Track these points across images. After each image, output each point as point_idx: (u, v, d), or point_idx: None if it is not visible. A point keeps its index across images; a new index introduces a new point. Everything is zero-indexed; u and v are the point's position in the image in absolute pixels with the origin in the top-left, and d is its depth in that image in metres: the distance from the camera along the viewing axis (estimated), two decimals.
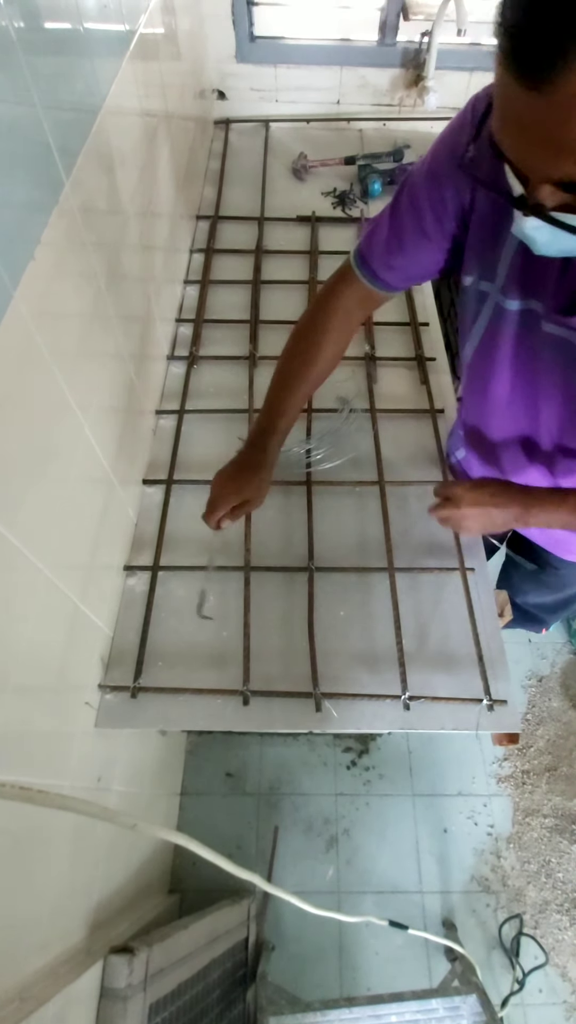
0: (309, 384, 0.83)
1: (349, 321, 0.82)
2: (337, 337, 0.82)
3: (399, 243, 0.71)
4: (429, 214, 0.67)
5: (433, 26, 1.58)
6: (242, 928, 1.25)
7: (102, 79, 0.80)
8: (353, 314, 0.82)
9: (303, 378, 0.82)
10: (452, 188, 0.64)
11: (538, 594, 1.27)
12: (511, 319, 0.67)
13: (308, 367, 0.82)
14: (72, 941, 0.76)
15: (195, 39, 1.52)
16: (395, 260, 0.73)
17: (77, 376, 0.73)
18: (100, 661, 0.85)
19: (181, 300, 1.36)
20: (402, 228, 0.70)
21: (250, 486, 0.82)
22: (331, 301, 0.81)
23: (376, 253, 0.74)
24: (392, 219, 0.71)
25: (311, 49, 1.71)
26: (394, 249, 0.72)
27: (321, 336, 0.81)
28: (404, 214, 0.69)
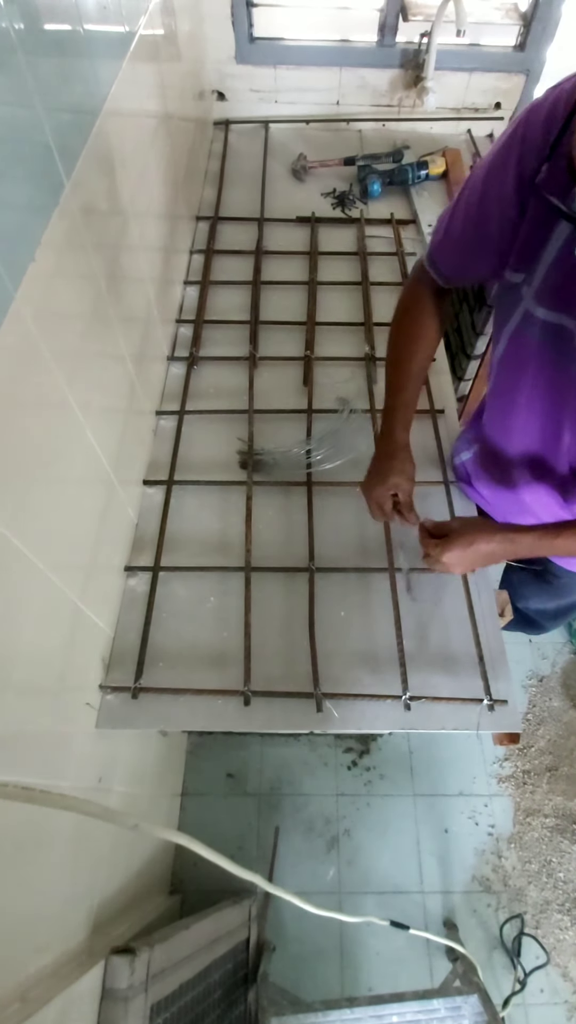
0: (417, 363, 0.86)
1: (433, 309, 0.85)
2: (425, 322, 0.85)
3: (458, 243, 0.74)
4: (484, 216, 0.68)
5: (432, 27, 1.58)
6: (243, 929, 1.25)
7: (102, 80, 0.80)
8: (439, 299, 0.85)
9: (411, 357, 0.86)
10: (508, 193, 0.64)
11: (539, 600, 1.26)
12: (539, 328, 0.67)
13: (415, 343, 0.86)
14: (73, 942, 0.76)
15: (195, 40, 1.52)
16: (455, 259, 0.76)
17: (78, 377, 0.73)
18: (101, 662, 0.85)
19: (181, 301, 1.36)
20: (460, 229, 0.72)
21: (392, 475, 0.85)
22: (411, 296, 0.86)
23: (440, 252, 0.78)
24: (451, 220, 0.73)
25: (310, 50, 1.71)
26: (453, 249, 0.75)
27: (409, 327, 0.86)
28: (461, 216, 0.71)
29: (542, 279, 0.64)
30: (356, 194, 1.63)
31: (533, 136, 0.59)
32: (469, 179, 0.69)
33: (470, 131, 1.84)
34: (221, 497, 1.05)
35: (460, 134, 1.85)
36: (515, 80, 1.78)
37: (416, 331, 0.86)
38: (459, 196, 0.71)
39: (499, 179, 0.64)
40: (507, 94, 1.81)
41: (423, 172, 1.63)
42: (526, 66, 1.75)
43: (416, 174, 1.62)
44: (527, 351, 0.70)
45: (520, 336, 0.70)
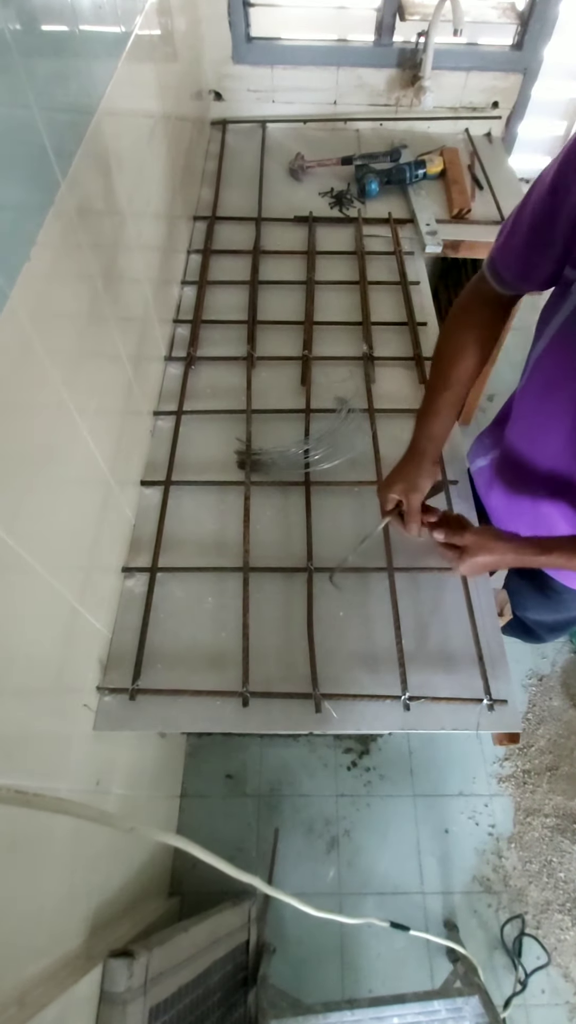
0: (464, 369, 0.85)
1: (489, 319, 0.84)
2: (479, 332, 0.84)
3: (519, 248, 0.72)
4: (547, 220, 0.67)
5: (429, 26, 1.58)
6: (243, 931, 1.24)
7: (98, 80, 0.80)
8: (493, 314, 0.84)
9: (455, 363, 0.85)
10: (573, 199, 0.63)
11: (537, 612, 1.26)
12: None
13: (461, 351, 0.84)
14: (71, 945, 0.75)
15: (191, 40, 1.52)
16: (517, 264, 0.74)
17: (75, 377, 0.73)
18: (98, 663, 0.85)
19: (179, 301, 1.36)
20: (524, 222, 0.71)
21: (401, 481, 0.85)
22: (468, 303, 0.84)
23: (501, 258, 0.76)
24: (514, 224, 0.72)
25: (307, 50, 1.71)
26: (516, 254, 0.73)
27: (461, 337, 0.84)
28: (525, 219, 0.70)
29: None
30: (354, 193, 1.63)
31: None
32: (539, 178, 0.68)
33: (468, 130, 1.84)
34: (219, 497, 1.05)
35: (458, 133, 1.85)
36: (512, 79, 1.78)
37: (465, 337, 0.84)
38: (527, 195, 0.70)
39: (565, 183, 0.62)
40: (505, 93, 1.81)
41: (421, 171, 1.62)
42: (523, 65, 1.75)
43: (414, 173, 1.62)
44: (572, 348, 0.69)
45: (567, 332, 0.69)
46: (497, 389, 2.38)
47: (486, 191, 1.66)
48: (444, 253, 1.52)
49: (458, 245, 1.54)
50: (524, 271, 0.74)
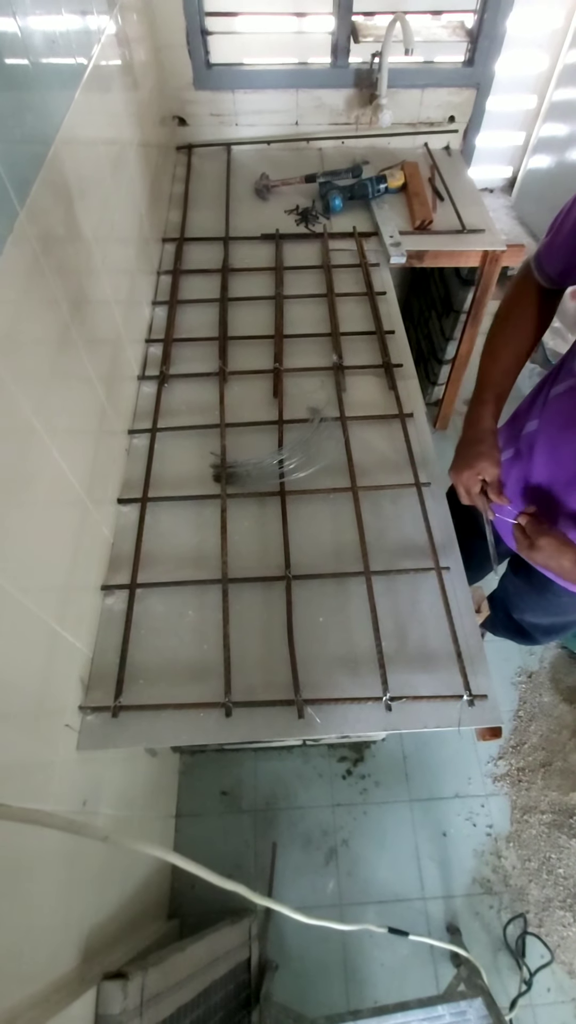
0: (513, 358, 0.90)
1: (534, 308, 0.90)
2: (525, 320, 0.90)
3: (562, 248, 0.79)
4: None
5: (382, 47, 1.64)
6: (243, 948, 1.23)
7: (54, 111, 0.82)
8: (538, 303, 0.90)
9: (508, 351, 0.91)
10: None
11: (535, 614, 1.27)
12: None
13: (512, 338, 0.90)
14: (64, 969, 0.74)
15: (152, 68, 1.56)
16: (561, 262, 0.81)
17: (44, 402, 0.74)
18: (80, 682, 0.85)
19: (150, 321, 1.38)
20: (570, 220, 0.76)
21: (481, 460, 0.87)
22: (515, 294, 0.91)
23: (547, 254, 0.83)
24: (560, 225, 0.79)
25: (267, 74, 1.76)
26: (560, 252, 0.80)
27: (508, 323, 0.91)
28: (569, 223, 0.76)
29: None
30: (319, 210, 1.67)
31: None
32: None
33: (427, 144, 1.90)
34: (196, 511, 1.06)
35: (417, 147, 1.90)
36: (466, 94, 1.84)
37: (515, 327, 0.90)
38: (569, 206, 0.76)
39: None
40: (459, 108, 1.87)
41: (382, 186, 1.67)
42: (476, 80, 1.81)
43: (376, 188, 1.66)
44: None
45: None
46: None
47: (447, 202, 1.71)
48: (409, 263, 1.56)
49: (422, 255, 1.58)
50: (566, 268, 0.81)
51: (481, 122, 1.92)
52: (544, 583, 1.09)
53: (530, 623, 1.32)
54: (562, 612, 1.18)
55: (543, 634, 1.36)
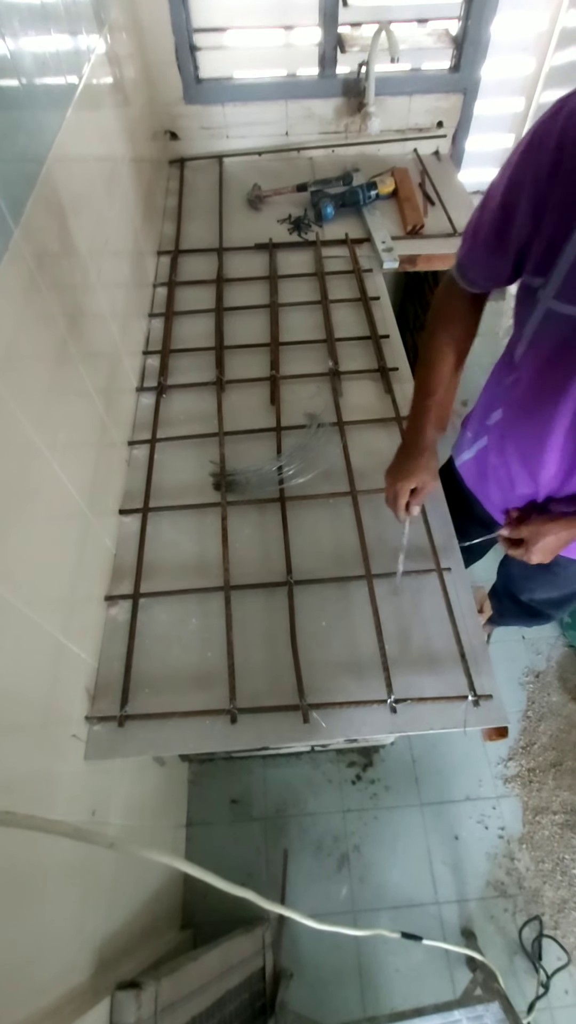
0: (449, 365, 0.91)
1: (464, 316, 0.91)
2: (456, 328, 0.91)
3: (480, 247, 0.79)
4: (502, 231, 0.73)
5: (369, 56, 1.66)
6: (258, 957, 1.22)
7: (47, 130, 0.84)
8: (467, 310, 0.90)
9: (443, 360, 0.91)
10: (530, 193, 0.67)
11: (544, 590, 1.28)
12: (563, 324, 0.70)
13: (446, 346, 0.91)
14: (76, 980, 0.74)
15: (142, 85, 1.58)
16: (482, 267, 0.81)
17: (43, 416, 0.75)
18: (86, 693, 0.85)
19: (147, 333, 1.39)
20: (482, 233, 0.77)
21: (419, 471, 0.91)
22: (443, 304, 0.92)
23: (467, 261, 0.83)
24: (475, 232, 0.79)
25: (255, 86, 1.78)
26: (479, 258, 0.80)
27: (440, 334, 0.92)
28: (485, 227, 0.76)
29: (563, 280, 0.67)
30: (311, 218, 1.69)
31: (544, 157, 0.63)
32: (489, 192, 0.74)
33: (416, 150, 1.92)
34: (197, 520, 1.07)
35: (407, 153, 1.92)
36: (454, 99, 1.86)
37: (447, 337, 0.91)
38: (482, 208, 0.76)
39: (516, 194, 0.68)
40: (447, 113, 1.89)
41: (373, 192, 1.69)
42: (463, 86, 1.83)
43: (367, 194, 1.68)
44: (549, 345, 0.75)
45: (543, 332, 0.75)
46: (471, 394, 2.43)
47: (438, 206, 1.72)
48: (402, 268, 1.58)
49: (415, 259, 1.59)
50: (489, 273, 0.81)
51: (469, 126, 1.94)
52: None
53: (540, 600, 1.33)
54: (570, 582, 1.19)
55: (555, 608, 1.37)
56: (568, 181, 0.62)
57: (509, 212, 0.70)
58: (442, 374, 0.91)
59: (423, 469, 0.91)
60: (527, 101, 2.04)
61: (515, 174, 0.68)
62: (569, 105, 0.61)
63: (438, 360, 0.91)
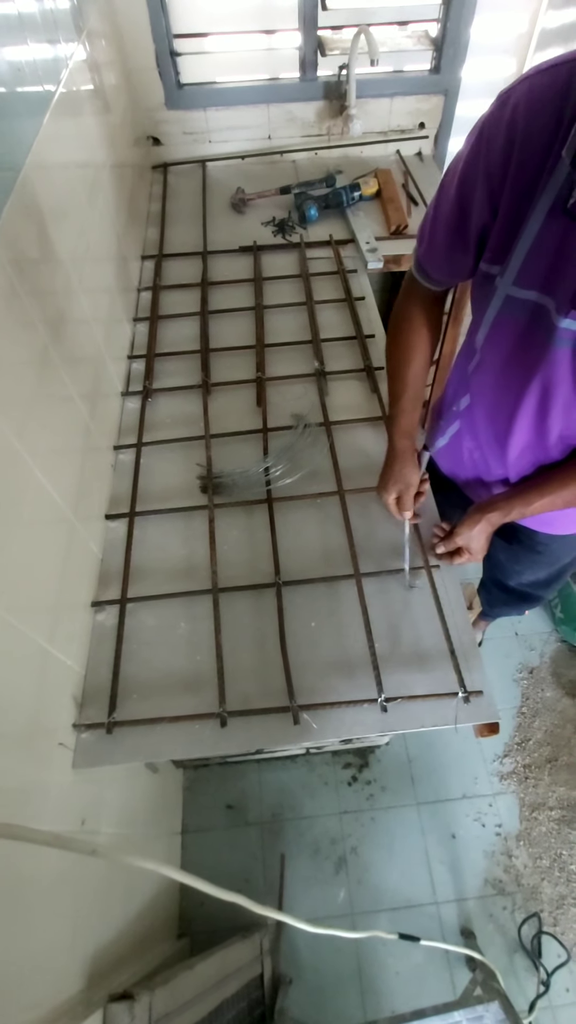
0: (416, 367, 0.93)
1: (427, 314, 0.92)
2: (421, 327, 0.92)
3: (439, 245, 0.79)
4: (462, 222, 0.73)
5: (349, 59, 1.67)
6: (255, 964, 1.21)
7: (22, 138, 0.83)
8: (429, 309, 0.92)
9: (414, 360, 0.92)
10: (481, 200, 0.69)
11: (532, 572, 1.29)
12: (519, 308, 0.72)
13: (410, 351, 0.93)
14: (68, 993, 0.73)
15: (123, 91, 1.58)
16: (441, 265, 0.82)
17: (25, 423, 0.74)
18: (73, 700, 0.85)
19: (132, 337, 1.39)
20: (440, 230, 0.77)
21: (394, 480, 0.95)
22: (405, 304, 0.92)
23: (426, 260, 0.83)
24: (432, 231, 0.79)
25: (237, 91, 1.79)
26: (438, 255, 0.80)
27: (406, 334, 0.92)
28: (442, 225, 0.76)
29: (520, 266, 0.68)
30: (295, 220, 1.69)
31: (494, 150, 0.64)
32: (442, 190, 0.74)
33: (399, 151, 1.93)
34: (184, 523, 1.06)
35: (390, 155, 1.93)
36: (435, 101, 1.87)
37: (410, 340, 0.92)
38: (437, 206, 0.76)
39: (470, 189, 0.69)
40: (428, 114, 1.90)
41: (356, 194, 1.69)
42: (443, 87, 1.84)
43: (350, 196, 1.69)
44: (509, 330, 0.76)
45: (503, 318, 0.75)
46: None
47: (421, 207, 1.73)
48: (386, 268, 1.58)
49: (399, 259, 1.60)
50: (448, 268, 0.82)
51: (451, 127, 1.95)
52: (532, 537, 1.11)
53: (529, 582, 1.34)
54: (555, 559, 1.20)
55: (543, 588, 1.38)
56: (520, 171, 0.63)
57: (465, 207, 0.71)
58: (406, 380, 0.93)
59: (398, 476, 0.95)
60: None
61: (467, 170, 0.69)
62: (513, 97, 0.62)
63: (402, 365, 0.93)
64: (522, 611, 1.55)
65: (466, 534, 0.92)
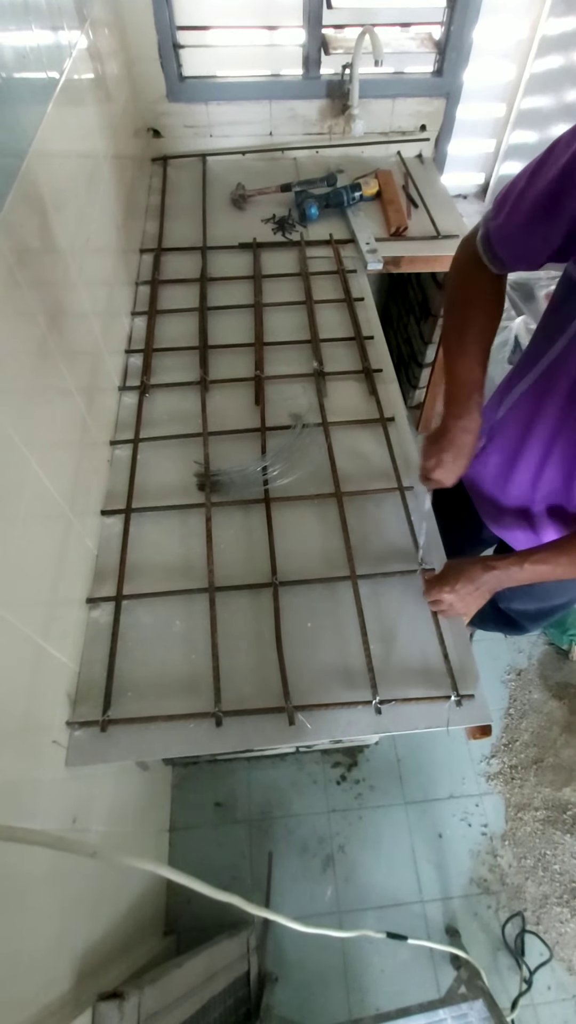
0: (483, 352, 0.84)
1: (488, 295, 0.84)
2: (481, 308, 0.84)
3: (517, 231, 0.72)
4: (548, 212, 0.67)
5: (352, 59, 1.66)
6: (242, 962, 1.21)
7: (27, 125, 0.82)
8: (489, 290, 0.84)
9: (476, 345, 0.84)
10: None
11: (521, 602, 1.28)
12: None
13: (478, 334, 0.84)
14: (58, 991, 0.73)
15: (125, 82, 1.56)
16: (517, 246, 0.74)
17: (21, 414, 0.73)
18: (67, 698, 0.84)
19: (130, 332, 1.37)
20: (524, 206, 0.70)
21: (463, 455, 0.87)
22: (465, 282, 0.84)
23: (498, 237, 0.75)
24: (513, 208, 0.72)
25: (240, 86, 1.78)
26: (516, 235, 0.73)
27: (467, 314, 0.84)
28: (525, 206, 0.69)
29: None
30: (295, 218, 1.69)
31: None
32: (543, 164, 0.67)
33: (399, 153, 1.93)
34: (181, 521, 1.05)
35: (390, 156, 1.93)
36: (436, 103, 1.88)
37: (478, 318, 0.84)
38: (530, 179, 0.69)
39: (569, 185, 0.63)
40: (430, 117, 1.90)
41: (357, 194, 1.69)
42: (445, 90, 1.85)
43: (351, 196, 1.68)
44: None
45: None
46: None
47: (421, 208, 1.73)
48: (386, 269, 1.58)
49: (398, 261, 1.60)
50: (520, 250, 0.74)
51: (452, 130, 1.95)
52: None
53: (517, 611, 1.33)
54: (547, 597, 1.19)
55: (531, 621, 1.36)
56: None
57: (562, 189, 0.63)
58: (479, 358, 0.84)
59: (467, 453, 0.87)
60: (508, 107, 2.06)
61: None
62: None
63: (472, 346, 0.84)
64: (507, 634, 1.53)
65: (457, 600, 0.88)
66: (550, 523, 0.93)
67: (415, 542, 1.01)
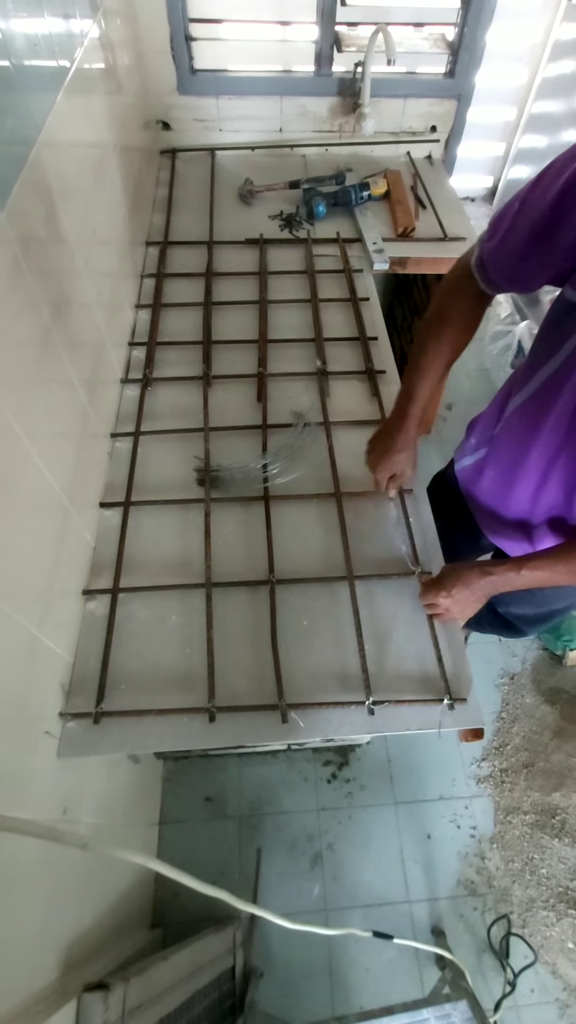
0: (437, 372, 0.90)
1: (469, 314, 0.86)
2: (460, 326, 0.87)
3: (514, 245, 0.71)
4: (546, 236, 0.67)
5: (365, 57, 1.66)
6: (228, 956, 1.22)
7: (36, 113, 0.81)
8: (473, 309, 0.86)
9: (432, 366, 0.90)
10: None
11: (520, 606, 1.28)
12: None
13: (436, 357, 0.89)
14: (44, 981, 0.73)
15: (136, 73, 1.56)
16: (510, 268, 0.75)
17: (24, 405, 0.73)
18: (60, 689, 0.84)
19: (133, 324, 1.37)
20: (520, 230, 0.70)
21: (401, 463, 0.98)
22: (451, 297, 0.86)
23: (493, 259, 0.76)
24: (509, 229, 0.72)
25: (251, 81, 1.77)
26: (510, 257, 0.73)
27: (443, 329, 0.87)
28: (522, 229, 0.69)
29: None
30: (302, 216, 1.68)
31: None
32: (538, 185, 0.66)
33: (409, 153, 1.92)
34: (180, 515, 1.05)
35: (400, 156, 1.93)
36: (447, 105, 1.87)
37: (447, 337, 0.87)
38: (525, 202, 0.68)
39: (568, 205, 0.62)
40: (441, 118, 1.90)
41: (365, 193, 1.69)
42: (457, 92, 1.84)
43: (359, 195, 1.68)
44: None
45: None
46: (455, 398, 2.46)
47: (429, 210, 1.73)
48: (392, 270, 1.58)
49: (405, 262, 1.60)
50: (514, 274, 0.75)
51: (462, 132, 1.95)
52: None
53: (515, 615, 1.33)
54: (545, 602, 1.20)
55: (529, 625, 1.36)
56: None
57: (562, 214, 0.63)
58: (433, 380, 0.90)
59: (405, 463, 0.97)
60: (519, 111, 2.06)
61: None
62: None
63: (431, 365, 0.89)
64: (505, 637, 1.53)
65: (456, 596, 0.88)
66: (549, 534, 0.93)
67: (412, 546, 1.01)
